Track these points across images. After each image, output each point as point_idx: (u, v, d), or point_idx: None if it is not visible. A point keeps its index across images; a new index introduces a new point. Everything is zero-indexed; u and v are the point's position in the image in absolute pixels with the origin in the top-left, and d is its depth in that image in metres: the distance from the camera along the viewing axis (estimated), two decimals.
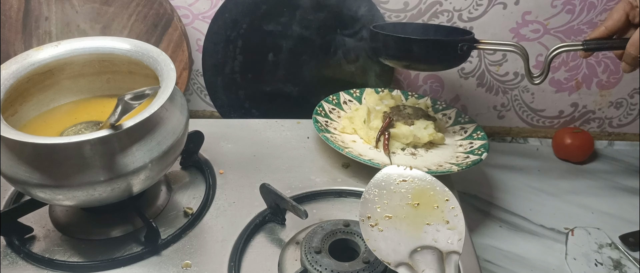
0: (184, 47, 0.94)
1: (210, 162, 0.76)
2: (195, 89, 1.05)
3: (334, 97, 0.89)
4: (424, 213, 0.53)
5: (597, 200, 0.89)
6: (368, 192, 0.55)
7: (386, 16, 0.94)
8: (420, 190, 0.56)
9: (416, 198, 0.55)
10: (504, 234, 0.82)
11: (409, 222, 0.52)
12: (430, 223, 0.52)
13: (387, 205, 0.54)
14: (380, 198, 0.55)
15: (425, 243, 0.50)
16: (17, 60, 0.63)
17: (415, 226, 0.52)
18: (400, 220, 0.52)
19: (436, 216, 0.53)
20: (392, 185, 0.56)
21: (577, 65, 0.97)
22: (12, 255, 0.60)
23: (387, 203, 0.54)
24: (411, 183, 0.56)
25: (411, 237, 0.51)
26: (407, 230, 0.52)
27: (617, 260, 0.78)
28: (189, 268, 0.59)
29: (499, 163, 0.98)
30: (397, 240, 0.50)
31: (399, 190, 0.56)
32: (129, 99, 0.50)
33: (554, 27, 0.93)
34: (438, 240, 0.51)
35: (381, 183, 0.56)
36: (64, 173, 0.53)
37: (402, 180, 0.57)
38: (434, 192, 0.56)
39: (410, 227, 0.52)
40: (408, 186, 0.56)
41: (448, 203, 0.54)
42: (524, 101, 1.03)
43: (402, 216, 0.53)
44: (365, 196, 0.55)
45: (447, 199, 0.55)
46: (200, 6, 0.95)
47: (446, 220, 0.53)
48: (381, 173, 0.57)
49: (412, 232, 0.51)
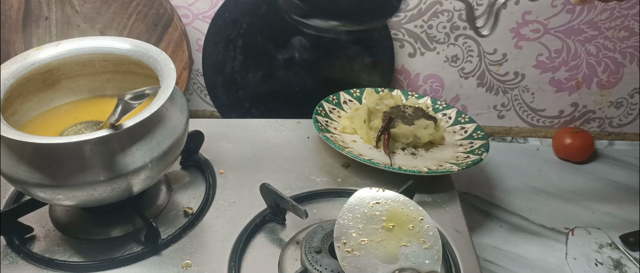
0: (184, 47, 0.94)
1: (211, 161, 0.76)
2: (195, 88, 1.05)
3: (334, 97, 0.89)
4: (400, 235, 0.53)
5: (597, 200, 0.89)
6: (342, 217, 0.55)
7: None
8: (394, 211, 0.56)
9: (391, 220, 0.55)
10: (504, 234, 0.82)
11: (385, 245, 0.52)
12: (407, 244, 0.52)
13: (362, 229, 0.54)
14: (355, 222, 0.54)
15: (403, 265, 0.50)
16: (17, 60, 0.63)
17: (392, 249, 0.52)
18: (376, 244, 0.52)
19: (412, 236, 0.53)
20: (365, 208, 0.56)
21: (577, 65, 0.97)
22: (12, 255, 0.60)
23: (362, 227, 0.54)
24: (385, 204, 0.56)
25: (388, 260, 0.51)
26: (383, 253, 0.52)
27: (617, 260, 0.78)
28: (189, 268, 0.59)
29: (499, 163, 0.98)
30: (374, 264, 0.51)
31: (373, 213, 0.55)
32: (129, 99, 0.50)
33: (554, 27, 0.93)
34: (415, 261, 0.51)
35: (354, 208, 0.56)
36: (64, 173, 0.53)
37: (376, 202, 0.56)
38: (408, 212, 0.55)
39: (386, 250, 0.52)
40: (382, 208, 0.56)
41: (423, 223, 0.54)
42: (524, 101, 1.03)
43: (377, 239, 0.53)
44: (340, 221, 0.54)
45: (421, 218, 0.55)
46: (201, 6, 0.95)
47: (422, 240, 0.53)
48: (354, 197, 0.57)
49: (388, 255, 0.52)
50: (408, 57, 0.99)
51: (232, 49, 0.96)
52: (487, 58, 0.98)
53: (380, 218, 0.55)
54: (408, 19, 0.94)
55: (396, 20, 0.94)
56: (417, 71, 1.00)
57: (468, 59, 0.98)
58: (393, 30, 0.95)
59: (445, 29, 0.95)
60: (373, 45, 0.95)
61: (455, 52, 0.97)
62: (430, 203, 0.70)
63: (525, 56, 0.97)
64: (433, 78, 1.01)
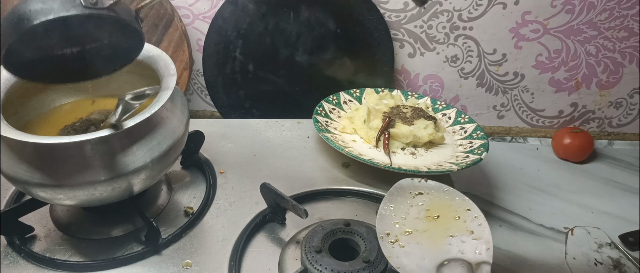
0: (185, 47, 0.94)
1: (211, 161, 0.76)
2: (195, 88, 1.05)
3: (334, 97, 0.89)
4: (446, 225, 0.51)
5: (596, 199, 0.89)
6: (384, 208, 0.53)
7: (386, 16, 0.94)
8: (438, 201, 0.54)
9: (435, 211, 0.53)
10: (504, 234, 0.82)
11: (430, 236, 0.50)
12: (454, 235, 0.50)
13: (405, 220, 0.52)
14: (397, 213, 0.53)
15: (452, 256, 0.48)
16: None
17: (438, 239, 0.50)
18: (421, 234, 0.50)
19: (459, 227, 0.51)
20: (408, 199, 0.54)
21: (576, 65, 0.98)
22: (13, 255, 0.60)
23: (405, 218, 0.52)
24: (428, 195, 0.54)
25: (435, 251, 0.48)
26: (429, 244, 0.49)
27: (616, 259, 0.78)
28: (190, 268, 0.59)
29: (499, 163, 0.98)
30: (420, 255, 0.48)
31: (416, 203, 0.54)
32: (129, 99, 0.50)
33: (554, 27, 0.93)
34: (464, 251, 0.48)
35: (396, 198, 0.54)
36: (64, 173, 0.53)
37: (418, 193, 0.55)
38: (453, 202, 0.53)
39: (432, 241, 0.50)
40: (425, 199, 0.54)
41: (470, 213, 0.52)
42: (524, 101, 1.03)
43: (422, 230, 0.51)
44: (381, 212, 0.52)
45: (468, 209, 0.53)
46: (201, 6, 0.95)
47: (470, 231, 0.50)
48: (395, 187, 0.55)
49: (435, 245, 0.49)
50: (408, 57, 0.99)
51: (232, 49, 0.96)
52: (486, 58, 0.98)
53: (423, 209, 0.53)
54: (408, 19, 0.94)
55: (396, 20, 0.94)
56: (417, 71, 1.01)
57: (468, 59, 0.98)
58: (393, 30, 0.95)
59: (445, 29, 0.95)
60: (373, 45, 0.95)
61: (455, 52, 0.97)
62: None
63: (524, 56, 0.97)
64: (433, 78, 1.01)
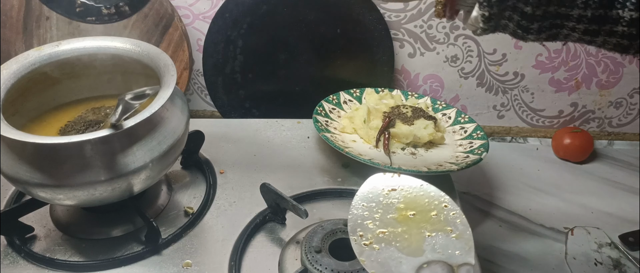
0: (185, 47, 0.94)
1: (211, 161, 0.76)
2: (195, 88, 1.05)
3: (334, 96, 0.89)
4: (422, 224, 0.48)
5: (596, 199, 0.90)
6: (355, 207, 0.49)
7: (386, 16, 0.94)
8: (413, 197, 0.50)
9: (410, 208, 0.49)
10: (504, 234, 0.83)
11: (406, 236, 0.46)
12: (432, 234, 0.47)
13: (379, 219, 0.48)
14: (370, 212, 0.49)
15: (431, 258, 0.44)
16: (18, 60, 0.63)
17: (415, 239, 0.46)
18: (397, 235, 0.47)
19: (436, 225, 0.47)
20: (380, 196, 0.50)
21: (576, 65, 0.98)
22: (12, 255, 0.60)
23: (379, 217, 0.48)
24: (402, 191, 0.50)
25: (413, 253, 0.45)
26: (406, 245, 0.46)
27: (616, 259, 0.78)
28: (190, 268, 0.59)
29: (499, 163, 0.98)
30: (397, 258, 0.45)
31: (390, 200, 0.50)
32: (129, 99, 0.50)
33: None
34: (444, 252, 0.45)
35: (368, 196, 0.50)
36: (64, 173, 0.53)
37: (391, 189, 0.51)
38: (429, 198, 0.50)
39: (409, 241, 0.46)
40: (399, 195, 0.50)
41: (447, 209, 0.49)
42: (524, 101, 1.03)
43: (397, 230, 0.47)
44: (353, 212, 0.49)
45: (445, 205, 0.49)
46: (201, 6, 0.95)
47: (449, 229, 0.47)
48: (367, 184, 0.51)
49: (413, 246, 0.46)
50: (408, 57, 0.99)
51: (233, 49, 0.96)
52: (486, 58, 0.98)
53: (398, 207, 0.49)
54: (408, 19, 0.94)
55: (396, 20, 0.94)
56: (417, 71, 1.01)
57: (468, 59, 0.98)
58: (393, 30, 0.95)
59: (445, 29, 0.95)
60: (373, 45, 0.95)
61: (455, 52, 0.97)
62: None
63: (524, 56, 0.97)
64: (433, 78, 1.01)
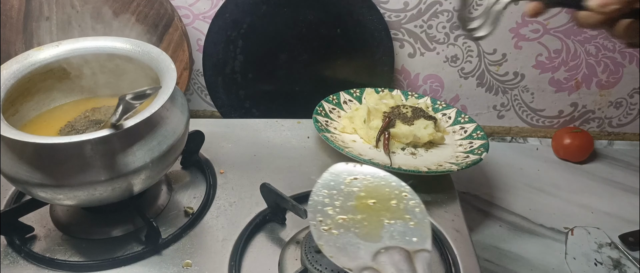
0: (185, 47, 0.94)
1: (211, 161, 0.76)
2: (195, 88, 1.05)
3: (334, 96, 0.89)
4: (382, 212, 0.49)
5: (596, 199, 0.90)
6: (316, 194, 0.50)
7: (386, 16, 0.94)
8: (374, 187, 0.51)
9: (371, 196, 0.50)
10: (504, 234, 0.83)
11: (366, 223, 0.48)
12: (390, 221, 0.48)
13: (340, 206, 0.49)
14: (331, 199, 0.50)
15: (389, 244, 0.45)
16: (18, 60, 0.63)
17: (374, 226, 0.47)
18: (356, 222, 0.48)
19: (396, 213, 0.48)
20: (342, 185, 0.51)
21: (576, 65, 0.98)
22: (13, 255, 0.60)
23: (340, 204, 0.49)
24: (363, 180, 0.51)
25: (372, 239, 0.46)
26: (365, 231, 0.47)
27: (616, 259, 0.78)
28: (190, 268, 0.59)
29: (499, 163, 0.98)
30: (355, 243, 0.46)
31: (351, 189, 0.51)
32: (130, 99, 0.50)
33: (554, 27, 0.93)
34: (402, 239, 0.46)
35: (330, 183, 0.51)
36: (64, 173, 0.53)
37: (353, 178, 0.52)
38: (390, 188, 0.51)
39: (368, 228, 0.47)
40: (360, 184, 0.51)
41: (407, 199, 0.50)
42: (524, 101, 1.03)
43: (357, 217, 0.48)
44: (314, 198, 0.50)
45: (405, 194, 0.50)
46: (201, 6, 0.96)
47: (407, 217, 0.48)
48: (329, 172, 0.52)
49: (371, 233, 0.47)
50: (408, 57, 0.99)
51: (233, 49, 0.96)
52: (486, 58, 0.98)
53: (359, 194, 0.50)
54: (408, 19, 0.94)
55: (396, 20, 0.94)
56: (417, 71, 1.01)
57: (468, 59, 0.98)
58: (393, 30, 0.95)
59: (445, 29, 0.95)
60: (373, 45, 0.95)
61: (455, 52, 0.98)
62: (430, 203, 0.70)
63: (524, 56, 0.97)
64: (433, 78, 1.01)
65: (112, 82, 0.70)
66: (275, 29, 0.94)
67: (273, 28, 0.94)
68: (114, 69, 0.69)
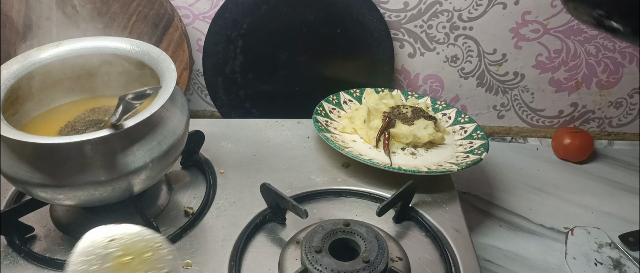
0: (185, 47, 0.94)
1: (211, 161, 0.76)
2: (195, 88, 1.05)
3: (334, 96, 0.89)
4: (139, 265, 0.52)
5: (596, 199, 0.90)
6: (73, 264, 0.51)
7: (386, 16, 0.94)
8: (130, 243, 0.53)
9: (128, 254, 0.52)
10: (504, 234, 0.83)
11: None
12: None
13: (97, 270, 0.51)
14: (89, 265, 0.51)
15: None
16: (18, 60, 0.63)
17: None
18: None
19: (151, 264, 0.52)
20: (99, 248, 0.52)
21: (576, 65, 0.98)
22: (13, 255, 0.60)
23: (96, 269, 0.51)
24: (120, 239, 0.53)
25: None
26: None
27: (616, 259, 0.78)
28: (190, 268, 0.59)
29: (499, 163, 0.98)
30: None
31: (108, 251, 0.52)
32: (130, 99, 0.50)
33: (554, 27, 0.93)
34: None
35: (87, 250, 0.52)
36: (64, 173, 0.53)
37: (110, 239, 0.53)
38: (145, 241, 0.53)
39: None
40: (118, 243, 0.53)
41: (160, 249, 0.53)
42: (524, 101, 1.03)
43: None
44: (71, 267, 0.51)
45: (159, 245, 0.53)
46: (201, 6, 0.96)
47: (160, 265, 0.51)
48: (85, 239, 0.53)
49: None
50: (408, 57, 0.99)
51: (233, 49, 0.96)
52: (486, 58, 0.98)
53: (115, 255, 0.52)
54: (408, 19, 0.94)
55: (396, 20, 0.94)
56: (417, 71, 1.01)
57: (468, 59, 0.98)
58: (393, 30, 0.95)
59: (445, 29, 0.95)
60: (373, 45, 0.95)
61: (455, 52, 0.98)
62: (430, 203, 0.70)
63: (524, 56, 0.97)
64: (433, 78, 1.01)
65: (112, 82, 0.70)
66: (275, 29, 0.94)
67: (273, 28, 0.94)
68: (114, 69, 0.69)
